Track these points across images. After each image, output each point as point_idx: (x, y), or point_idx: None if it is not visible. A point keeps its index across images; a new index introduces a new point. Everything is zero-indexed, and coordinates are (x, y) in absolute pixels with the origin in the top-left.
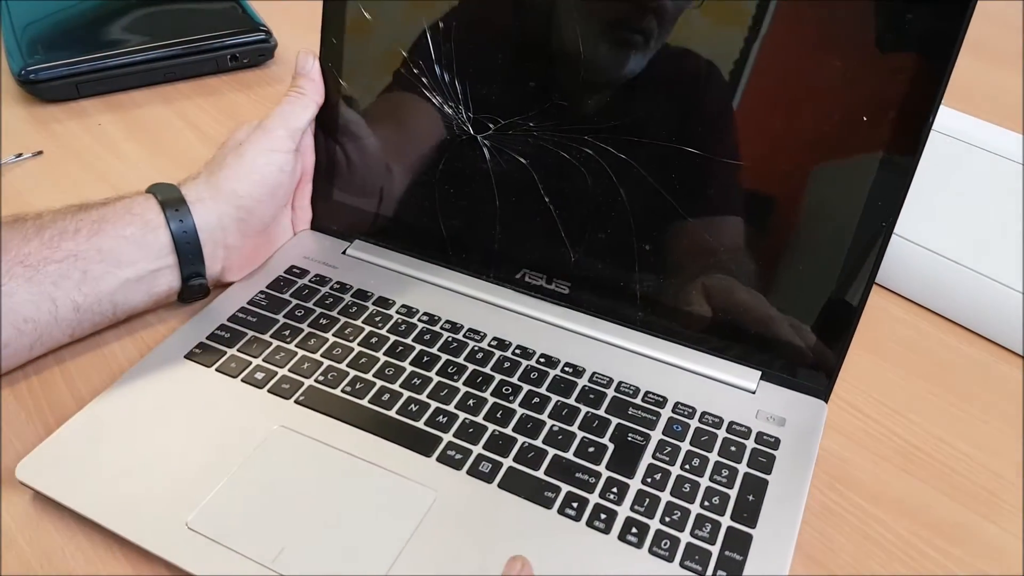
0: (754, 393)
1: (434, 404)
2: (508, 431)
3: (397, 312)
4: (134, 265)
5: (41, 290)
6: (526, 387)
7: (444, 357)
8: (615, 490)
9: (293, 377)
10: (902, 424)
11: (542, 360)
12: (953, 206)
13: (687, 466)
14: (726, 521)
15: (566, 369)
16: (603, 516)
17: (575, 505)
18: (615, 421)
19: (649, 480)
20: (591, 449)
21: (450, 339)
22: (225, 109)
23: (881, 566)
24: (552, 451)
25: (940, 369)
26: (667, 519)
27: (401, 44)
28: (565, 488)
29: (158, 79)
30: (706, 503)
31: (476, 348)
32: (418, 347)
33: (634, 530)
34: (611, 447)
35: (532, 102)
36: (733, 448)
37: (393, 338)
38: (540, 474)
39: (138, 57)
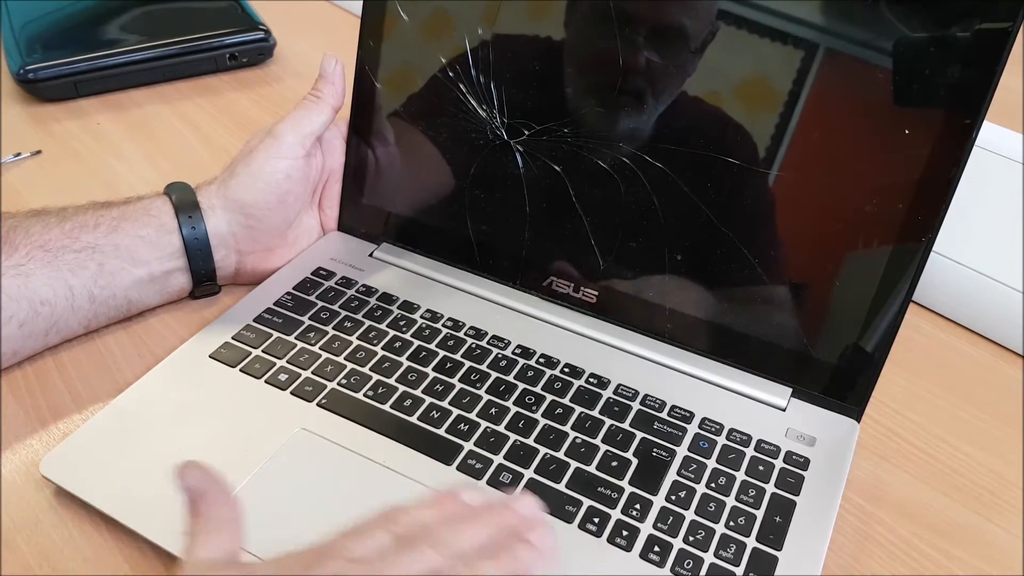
0: (784, 411)
1: (456, 411)
2: (530, 442)
3: (421, 317)
4: (148, 265)
5: (59, 275)
6: (549, 397)
7: (467, 364)
8: (638, 506)
9: (316, 380)
10: (902, 424)
11: (566, 370)
12: (953, 206)
13: (713, 484)
14: (751, 542)
15: (591, 380)
16: (625, 533)
17: (597, 520)
18: (639, 435)
19: (673, 497)
20: (614, 463)
21: (474, 346)
22: (224, 108)
23: (881, 566)
24: (574, 464)
25: (940, 369)
26: (691, 538)
27: (438, 47)
28: (587, 503)
29: (157, 78)
30: (731, 523)
31: (500, 356)
32: (441, 353)
33: (656, 548)
34: (635, 462)
35: (568, 108)
36: (761, 467)
37: (417, 343)
38: (561, 487)
39: (137, 56)
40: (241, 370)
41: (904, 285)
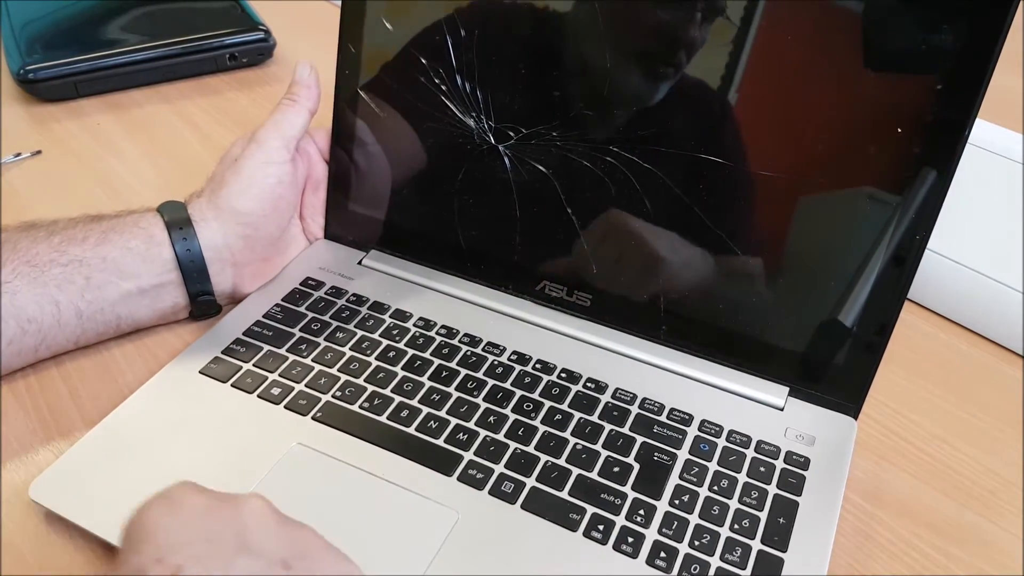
0: (782, 410)
1: (454, 421)
2: (530, 449)
3: (414, 325)
4: (137, 278)
5: (45, 291)
6: (547, 403)
7: (463, 372)
8: (642, 512)
9: (310, 393)
10: (902, 424)
11: (563, 375)
12: (953, 206)
13: (715, 487)
14: (756, 544)
15: (588, 385)
16: (630, 539)
17: (601, 527)
18: (640, 439)
19: (677, 502)
20: (616, 469)
21: (469, 353)
22: (224, 108)
23: (881, 566)
24: (576, 471)
25: (940, 369)
26: (696, 543)
27: (421, 52)
28: (590, 510)
29: (157, 78)
30: (736, 526)
31: (496, 362)
32: (436, 361)
33: (663, 554)
34: (636, 467)
35: (556, 112)
36: (762, 468)
37: (411, 352)
38: (564, 495)
39: (137, 56)
40: (232, 385)
41: (899, 282)
